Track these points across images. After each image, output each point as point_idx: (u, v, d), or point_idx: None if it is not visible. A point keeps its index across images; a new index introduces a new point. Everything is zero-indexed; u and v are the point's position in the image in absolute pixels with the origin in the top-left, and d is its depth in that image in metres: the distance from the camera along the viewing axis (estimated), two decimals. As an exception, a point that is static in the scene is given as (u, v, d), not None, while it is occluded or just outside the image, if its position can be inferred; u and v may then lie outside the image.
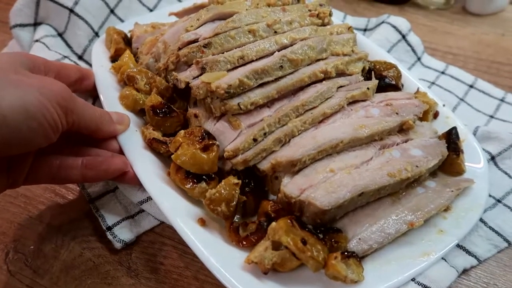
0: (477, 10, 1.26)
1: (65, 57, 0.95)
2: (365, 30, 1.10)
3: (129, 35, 0.92)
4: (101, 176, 0.66)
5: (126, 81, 0.79)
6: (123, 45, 0.87)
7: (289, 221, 0.59)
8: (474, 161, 0.75)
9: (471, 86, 0.98)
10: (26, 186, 0.76)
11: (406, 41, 1.02)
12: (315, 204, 0.59)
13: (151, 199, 0.70)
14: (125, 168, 0.67)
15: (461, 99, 0.94)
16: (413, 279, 0.61)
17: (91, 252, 0.70)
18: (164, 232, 0.73)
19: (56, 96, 0.54)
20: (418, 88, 0.85)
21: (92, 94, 0.81)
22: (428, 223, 0.66)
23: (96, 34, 1.00)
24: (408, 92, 0.80)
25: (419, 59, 1.03)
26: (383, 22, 1.04)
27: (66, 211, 0.76)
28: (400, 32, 1.02)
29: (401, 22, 1.03)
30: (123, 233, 0.71)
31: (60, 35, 1.00)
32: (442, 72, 1.01)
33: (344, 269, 0.56)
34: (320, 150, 0.65)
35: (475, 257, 0.68)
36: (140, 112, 0.79)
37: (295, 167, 0.64)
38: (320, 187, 0.61)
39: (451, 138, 0.73)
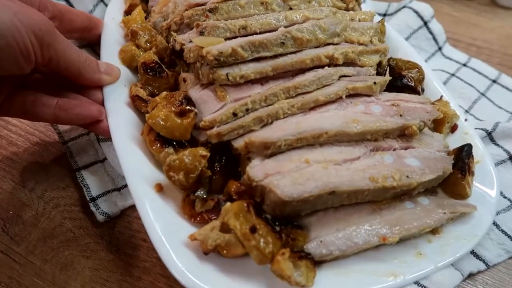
0: (507, 2, 1.18)
1: None
2: (384, 15, 1.03)
3: (148, -8, 0.90)
4: (74, 119, 0.64)
5: (129, 35, 0.77)
6: (138, 1, 0.85)
7: (245, 204, 0.54)
8: (486, 186, 0.65)
9: (494, 81, 0.90)
10: (13, 150, 0.77)
11: (428, 28, 0.94)
12: (276, 192, 0.53)
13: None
14: (99, 117, 0.65)
15: (482, 94, 0.87)
16: (415, 282, 0.56)
17: (72, 223, 0.68)
18: None
19: (32, 25, 0.53)
20: (441, 96, 0.75)
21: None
22: (408, 243, 0.58)
23: (101, 0, 0.92)
24: (425, 97, 0.71)
25: (440, 48, 0.96)
26: (404, 6, 0.97)
27: (51, 179, 0.74)
28: (422, 18, 0.94)
29: (424, 7, 0.95)
30: (107, 206, 0.69)
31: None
32: (464, 64, 0.93)
33: (289, 269, 0.50)
34: (300, 138, 0.59)
35: (484, 261, 0.63)
36: (136, 69, 0.76)
37: (268, 149, 0.58)
38: (288, 176, 0.55)
39: (461, 155, 0.64)
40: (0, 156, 0.77)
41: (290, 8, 0.74)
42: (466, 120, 0.73)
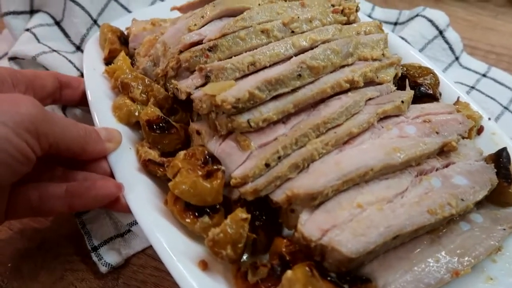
0: None
1: (54, 50, 0.85)
2: (395, 24, 0.98)
3: (126, 33, 0.81)
4: (90, 204, 0.57)
5: (120, 88, 0.69)
6: (118, 45, 0.77)
7: (307, 269, 0.49)
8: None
9: None
10: None
11: (444, 37, 0.90)
12: (340, 251, 0.48)
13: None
14: (118, 193, 0.57)
15: (505, 108, 0.83)
16: None
17: (74, 275, 0.64)
18: (157, 255, 0.63)
19: (23, 121, 0.44)
20: (458, 98, 0.73)
21: (80, 104, 0.71)
22: (475, 267, 0.55)
23: (95, 22, 0.91)
24: (449, 104, 0.68)
25: (457, 58, 0.92)
26: (417, 15, 0.92)
27: (50, 225, 0.69)
28: (437, 27, 0.90)
29: (439, 15, 0.91)
30: (110, 255, 0.65)
31: (57, 23, 0.91)
32: (484, 75, 0.89)
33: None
34: (346, 180, 0.54)
35: None
36: (135, 125, 0.68)
37: (315, 200, 0.53)
38: (345, 228, 0.50)
39: (502, 162, 0.61)
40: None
41: (292, 32, 0.68)
42: (489, 119, 0.70)
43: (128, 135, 0.66)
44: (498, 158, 0.62)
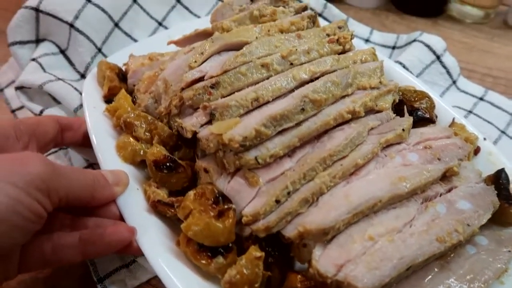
0: None
1: (59, 79, 0.86)
2: (393, 48, 1.00)
3: (123, 68, 0.81)
4: (104, 251, 0.56)
5: (124, 127, 0.69)
6: (117, 82, 0.77)
7: (325, 305, 0.50)
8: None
9: None
10: None
11: (441, 62, 0.91)
12: (356, 286, 0.49)
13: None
14: (131, 237, 0.57)
15: (503, 132, 0.84)
16: None
17: None
18: (161, 285, 0.63)
19: (33, 180, 0.44)
20: (453, 119, 0.75)
21: (83, 144, 0.71)
22: (484, 290, 0.57)
23: (99, 51, 0.92)
24: (446, 128, 0.70)
25: (454, 82, 0.93)
26: (415, 40, 0.94)
27: None
28: (434, 52, 0.91)
29: (436, 41, 0.93)
30: (116, 287, 0.65)
31: (62, 52, 0.93)
32: (481, 98, 0.90)
33: None
34: (356, 213, 0.55)
35: None
36: (140, 164, 0.69)
37: (327, 235, 0.54)
38: (359, 262, 0.51)
39: (501, 183, 0.63)
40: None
41: (291, 64, 0.70)
42: (485, 139, 0.73)
43: (134, 175, 0.66)
44: (497, 180, 0.64)
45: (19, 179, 0.44)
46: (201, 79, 0.67)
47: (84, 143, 0.70)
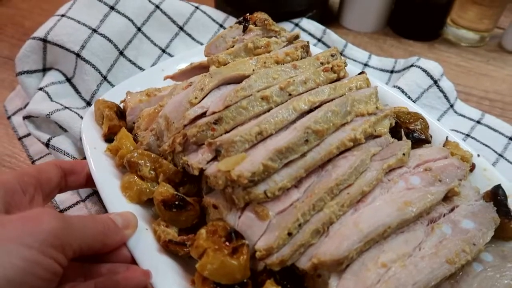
0: None
1: (66, 107, 0.88)
2: (391, 72, 1.03)
3: (121, 105, 0.82)
4: None
5: (127, 167, 0.69)
6: (116, 121, 0.77)
7: (346, 336, 0.50)
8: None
9: (511, 139, 0.88)
10: None
11: (438, 86, 0.93)
12: (376, 315, 0.50)
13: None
14: (147, 281, 0.56)
15: (500, 155, 0.86)
16: None
17: None
18: None
19: (47, 238, 0.44)
20: (447, 137, 0.78)
21: (86, 186, 0.70)
22: (493, 307, 0.59)
23: (105, 78, 0.94)
24: (443, 148, 0.72)
25: (451, 106, 0.95)
26: (412, 65, 0.97)
27: None
28: (431, 77, 0.93)
29: (433, 66, 0.95)
30: None
31: (69, 80, 0.94)
32: (478, 122, 0.92)
33: None
34: (367, 241, 0.56)
35: None
36: (147, 202, 0.69)
37: (341, 265, 0.55)
38: (376, 290, 0.53)
39: (500, 200, 0.66)
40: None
41: (290, 94, 0.71)
42: (478, 155, 0.76)
43: (141, 214, 0.66)
44: (495, 196, 0.67)
45: (33, 239, 0.44)
46: (203, 114, 0.68)
47: (87, 185, 0.69)
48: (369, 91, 0.74)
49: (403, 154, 0.66)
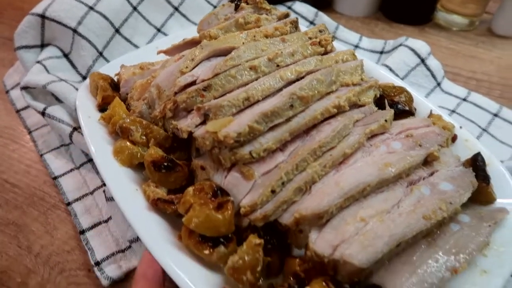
0: (504, 31, 1.16)
1: (62, 80, 0.90)
2: (381, 52, 1.05)
3: (115, 78, 0.84)
4: None
5: (120, 133, 0.72)
6: (110, 91, 0.80)
7: (324, 283, 0.53)
8: (504, 185, 0.70)
9: (495, 115, 0.91)
10: (18, 214, 0.78)
11: (425, 65, 0.96)
12: (352, 263, 0.53)
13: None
14: None
15: (484, 130, 0.88)
16: None
17: None
18: None
19: None
20: (431, 111, 0.80)
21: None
22: (469, 263, 0.61)
23: (101, 54, 0.97)
24: (425, 118, 0.75)
25: (438, 84, 0.98)
26: (400, 45, 0.99)
27: (56, 242, 0.75)
28: (419, 56, 0.96)
29: (420, 45, 0.98)
30: (112, 270, 0.70)
31: (66, 55, 0.98)
32: (464, 99, 0.94)
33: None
34: (347, 198, 0.59)
35: None
36: (137, 166, 0.71)
37: (322, 219, 0.58)
38: (353, 241, 0.55)
39: (479, 165, 0.68)
40: (5, 221, 0.77)
41: (277, 65, 0.74)
42: (461, 127, 0.78)
43: (132, 177, 0.69)
44: (474, 162, 0.69)
45: None
46: (193, 83, 0.71)
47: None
48: (355, 63, 0.77)
49: (385, 120, 0.69)
